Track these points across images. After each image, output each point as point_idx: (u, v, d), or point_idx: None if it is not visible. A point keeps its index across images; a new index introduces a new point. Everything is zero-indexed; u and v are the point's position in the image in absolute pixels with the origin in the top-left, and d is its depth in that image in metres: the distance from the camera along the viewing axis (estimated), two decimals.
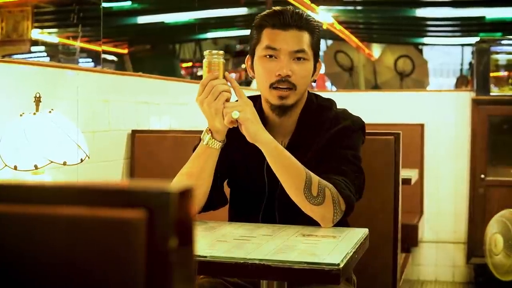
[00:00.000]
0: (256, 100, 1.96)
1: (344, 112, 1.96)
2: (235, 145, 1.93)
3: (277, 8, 1.91)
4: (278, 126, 1.92)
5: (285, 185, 1.77)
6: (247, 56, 1.98)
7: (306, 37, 1.88)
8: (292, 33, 1.87)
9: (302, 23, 1.88)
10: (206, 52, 1.77)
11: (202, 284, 1.91)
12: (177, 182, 0.65)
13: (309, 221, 1.80)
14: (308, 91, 2.00)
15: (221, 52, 1.79)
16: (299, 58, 1.87)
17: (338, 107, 2.00)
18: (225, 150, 1.86)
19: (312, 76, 1.94)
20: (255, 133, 1.74)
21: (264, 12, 1.92)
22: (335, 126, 1.90)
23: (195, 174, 1.82)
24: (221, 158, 1.87)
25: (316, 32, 1.92)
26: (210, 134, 1.80)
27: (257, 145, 1.76)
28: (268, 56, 1.87)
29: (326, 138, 1.89)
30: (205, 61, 1.77)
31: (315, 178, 1.75)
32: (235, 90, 1.79)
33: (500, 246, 3.56)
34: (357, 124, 1.93)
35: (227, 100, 1.76)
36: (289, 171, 1.75)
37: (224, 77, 1.78)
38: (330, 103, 1.99)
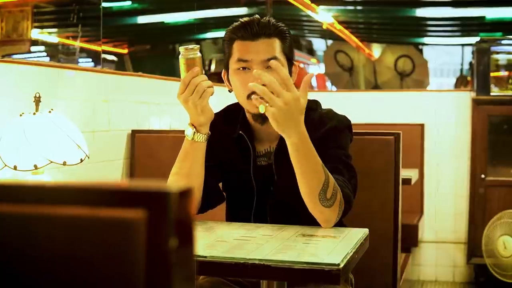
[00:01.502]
0: (240, 109, 1.96)
1: (329, 112, 1.95)
2: (223, 146, 1.93)
3: (245, 19, 1.90)
4: (264, 132, 1.91)
5: (302, 184, 1.72)
6: (223, 71, 1.97)
7: (276, 43, 1.87)
8: (262, 42, 1.86)
9: (270, 30, 1.87)
10: (181, 49, 1.74)
11: (202, 284, 1.92)
12: (173, 182, 0.65)
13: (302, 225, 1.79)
14: None
15: (197, 46, 1.76)
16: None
17: (335, 108, 2.00)
18: (215, 150, 1.86)
19: None
20: (283, 130, 1.65)
21: (233, 25, 1.92)
22: (322, 128, 1.89)
23: (186, 172, 1.81)
24: (212, 158, 1.88)
25: (286, 37, 1.91)
26: (194, 129, 1.80)
27: (286, 137, 1.69)
28: (241, 69, 1.87)
29: (313, 140, 1.88)
30: (181, 58, 1.74)
31: (332, 181, 1.72)
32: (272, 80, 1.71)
33: (511, 248, 3.54)
34: (343, 124, 1.92)
35: (211, 94, 1.75)
36: (310, 171, 1.70)
37: (202, 70, 1.75)
38: (315, 104, 1.98)
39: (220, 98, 2.18)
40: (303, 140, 1.67)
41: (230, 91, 1.95)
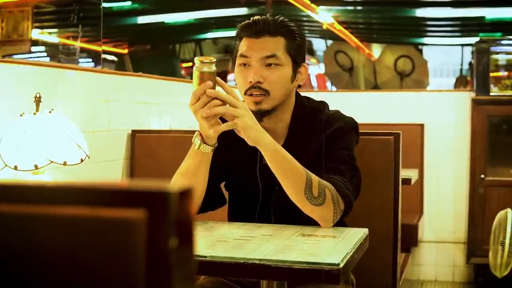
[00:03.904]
0: None
1: (337, 113, 1.96)
2: (228, 146, 1.93)
3: (256, 17, 1.92)
4: (270, 131, 1.91)
5: (286, 187, 1.77)
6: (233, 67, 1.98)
7: (280, 42, 1.89)
8: (265, 40, 1.88)
9: (276, 29, 1.88)
10: (196, 60, 1.71)
11: (203, 284, 1.92)
12: (175, 182, 0.65)
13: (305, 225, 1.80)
14: (300, 94, 2.00)
15: (213, 59, 1.72)
16: (270, 64, 1.87)
17: (335, 108, 2.01)
18: (219, 151, 1.86)
19: (293, 81, 1.92)
20: (255, 137, 1.73)
21: (243, 23, 1.93)
22: (328, 128, 1.90)
23: (190, 176, 1.82)
24: (216, 159, 1.88)
25: (295, 37, 1.91)
26: (201, 139, 1.79)
27: (258, 148, 1.76)
28: (242, 65, 1.88)
29: (320, 140, 1.89)
30: (195, 70, 1.70)
31: (315, 178, 1.76)
32: (229, 95, 1.75)
33: (491, 244, 3.58)
34: (350, 125, 1.94)
35: (223, 111, 1.73)
36: (290, 173, 1.75)
37: (215, 84, 1.72)
38: (323, 105, 1.99)
39: None
40: (276, 146, 1.76)
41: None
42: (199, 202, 1.89)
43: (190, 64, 4.73)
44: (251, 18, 1.92)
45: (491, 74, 4.40)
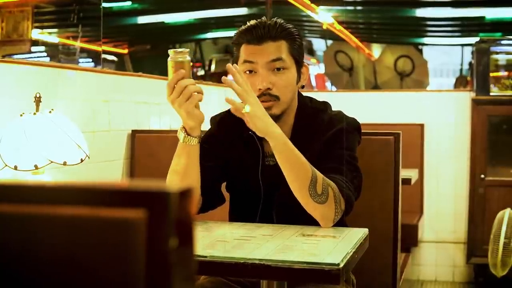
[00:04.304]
0: None
1: (339, 114, 1.96)
2: (230, 143, 1.92)
3: (252, 22, 1.91)
4: None
5: (291, 181, 1.77)
6: None
7: (283, 46, 1.89)
8: (268, 45, 1.88)
9: (276, 33, 1.88)
10: (170, 52, 1.72)
11: (203, 284, 1.92)
12: (171, 182, 0.65)
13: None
14: (302, 95, 2.00)
15: (187, 50, 1.74)
16: (278, 69, 1.87)
17: (335, 108, 2.01)
18: (219, 149, 1.86)
19: (297, 82, 1.94)
20: (264, 128, 1.73)
21: (240, 29, 1.93)
22: (331, 129, 1.90)
23: (181, 173, 1.82)
24: (216, 157, 1.87)
25: (295, 38, 1.92)
26: (184, 132, 1.79)
27: (267, 139, 1.76)
28: (248, 72, 1.88)
29: (322, 141, 1.89)
30: (170, 60, 1.72)
31: (320, 176, 1.76)
32: (240, 85, 1.72)
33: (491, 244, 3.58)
34: (352, 126, 1.94)
35: (200, 100, 1.74)
36: (296, 168, 1.75)
37: (190, 74, 1.73)
38: (325, 106, 1.99)
39: (221, 98, 2.18)
40: (285, 139, 1.76)
41: None
42: (195, 200, 1.88)
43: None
44: (248, 23, 1.92)
45: (491, 74, 4.40)
